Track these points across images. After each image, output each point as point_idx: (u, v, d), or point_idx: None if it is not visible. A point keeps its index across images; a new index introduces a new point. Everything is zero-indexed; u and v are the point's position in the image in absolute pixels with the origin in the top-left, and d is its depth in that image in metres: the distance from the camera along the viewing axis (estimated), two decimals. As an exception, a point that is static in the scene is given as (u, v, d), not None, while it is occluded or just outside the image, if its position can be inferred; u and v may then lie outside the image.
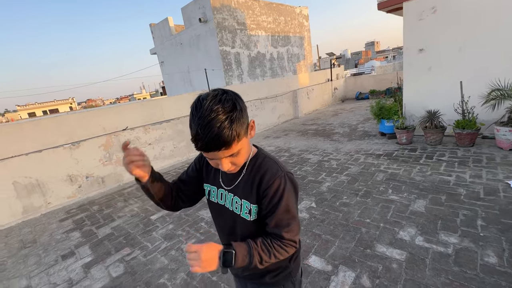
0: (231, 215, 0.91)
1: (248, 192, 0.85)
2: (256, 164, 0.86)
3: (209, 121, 0.68)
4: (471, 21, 4.25)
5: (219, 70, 8.16)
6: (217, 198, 0.95)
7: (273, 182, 0.80)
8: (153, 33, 10.59)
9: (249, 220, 0.86)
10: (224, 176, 0.93)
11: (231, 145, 0.72)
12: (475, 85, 4.23)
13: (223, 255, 0.75)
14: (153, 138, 5.74)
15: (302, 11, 11.51)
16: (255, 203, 0.84)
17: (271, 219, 0.82)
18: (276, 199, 0.80)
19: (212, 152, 0.73)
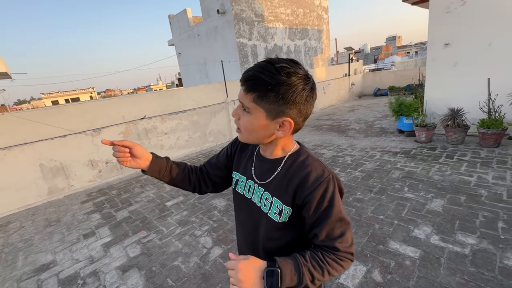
0: (257, 212, 0.81)
1: (283, 190, 0.75)
2: (297, 162, 0.76)
3: (266, 66, 0.66)
4: (503, 14, 3.99)
5: (235, 62, 8.16)
6: (245, 190, 0.86)
7: (319, 185, 0.69)
8: (172, 25, 10.70)
9: (277, 222, 0.76)
10: (258, 167, 0.84)
11: (249, 90, 0.67)
12: (504, 82, 4.00)
13: (266, 276, 0.64)
14: (169, 128, 5.88)
15: (322, 3, 11.22)
16: (289, 205, 0.74)
17: (320, 229, 0.70)
18: (324, 206, 0.69)
19: (241, 88, 0.70)
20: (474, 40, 4.32)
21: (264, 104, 0.67)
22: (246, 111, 0.71)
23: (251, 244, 0.87)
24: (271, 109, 0.67)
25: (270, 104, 0.67)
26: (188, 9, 9.40)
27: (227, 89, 6.80)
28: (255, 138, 0.75)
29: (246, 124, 0.73)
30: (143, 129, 5.47)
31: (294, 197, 0.73)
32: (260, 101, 0.67)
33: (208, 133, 6.61)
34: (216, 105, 6.71)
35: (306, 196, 0.70)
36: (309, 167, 0.73)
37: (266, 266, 0.66)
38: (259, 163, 0.84)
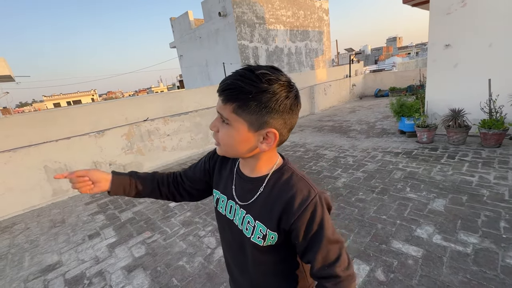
0: (240, 235, 0.75)
1: (266, 214, 0.68)
2: (280, 181, 0.69)
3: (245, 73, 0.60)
4: (504, 15, 4.02)
5: (237, 64, 8.22)
6: (226, 210, 0.80)
7: (305, 208, 0.63)
8: (173, 27, 10.79)
9: (262, 246, 0.70)
10: (238, 186, 0.77)
11: (227, 100, 0.61)
12: (505, 83, 4.02)
13: None
14: (172, 129, 5.92)
15: (322, 5, 11.28)
16: (274, 231, 0.67)
17: (314, 255, 0.65)
18: (314, 230, 0.64)
19: (219, 98, 0.64)
20: (474, 41, 4.35)
21: (245, 115, 0.61)
22: (226, 122, 0.64)
23: (240, 265, 0.83)
24: (253, 120, 0.61)
25: (252, 114, 0.60)
26: (189, 11, 9.48)
27: (229, 90, 6.86)
28: (235, 152, 0.68)
29: (225, 137, 0.66)
30: (146, 130, 5.52)
31: (279, 222, 0.66)
32: (241, 111, 0.60)
33: (210, 134, 6.64)
34: (218, 107, 6.76)
35: (293, 222, 0.64)
36: (294, 188, 0.66)
37: None
38: (239, 182, 0.76)
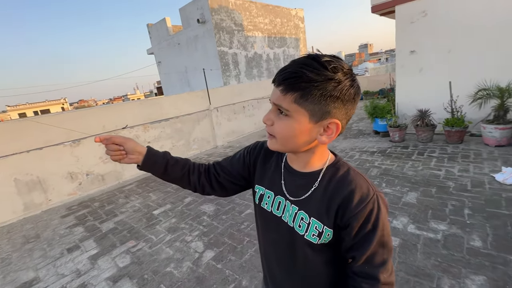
0: (290, 233, 0.71)
1: (323, 211, 0.65)
2: (337, 177, 0.66)
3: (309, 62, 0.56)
4: (459, 25, 4.47)
5: (217, 70, 8.27)
6: (272, 206, 0.75)
7: (364, 206, 0.61)
8: (150, 33, 10.64)
9: (316, 243, 0.67)
10: (288, 181, 0.73)
11: (288, 90, 0.57)
12: (463, 85, 4.46)
13: None
14: (153, 136, 5.81)
15: (298, 13, 11.73)
16: (331, 227, 0.64)
17: (360, 253, 0.62)
18: (368, 229, 0.61)
19: (274, 87, 0.61)
20: (436, 47, 4.78)
21: (307, 105, 0.57)
22: (284, 114, 0.61)
23: (285, 265, 0.77)
24: (316, 109, 0.58)
25: (316, 104, 0.57)
26: (167, 18, 9.42)
27: (209, 96, 6.87)
28: (293, 145, 0.64)
29: (284, 129, 0.62)
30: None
31: (336, 218, 0.64)
32: (304, 101, 0.57)
33: (192, 140, 6.60)
34: (199, 113, 6.74)
35: (350, 217, 0.61)
36: (352, 184, 0.63)
37: None
38: (289, 177, 0.72)
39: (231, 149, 6.59)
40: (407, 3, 4.89)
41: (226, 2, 8.19)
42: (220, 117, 7.23)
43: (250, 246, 2.56)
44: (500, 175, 3.09)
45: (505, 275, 1.80)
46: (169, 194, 4.21)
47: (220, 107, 7.23)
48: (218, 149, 6.79)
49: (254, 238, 2.66)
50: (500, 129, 3.86)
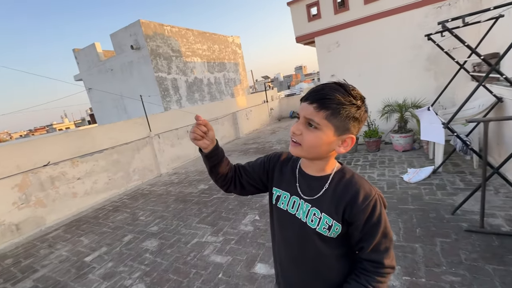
0: (302, 228, 0.82)
1: (333, 207, 0.77)
2: (344, 180, 0.79)
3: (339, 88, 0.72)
4: (366, 53, 5.43)
5: (156, 96, 8.04)
6: (288, 205, 0.87)
7: (368, 203, 0.74)
8: (78, 59, 9.79)
9: (325, 236, 0.79)
10: (302, 184, 0.86)
11: (322, 108, 0.71)
12: (373, 102, 5.32)
13: None
14: (83, 171, 5.22)
15: (235, 40, 12.43)
16: (339, 222, 0.77)
17: (368, 243, 0.75)
18: (372, 223, 0.74)
19: (306, 104, 0.75)
20: (349, 72, 5.65)
21: (335, 121, 0.72)
22: (314, 127, 0.74)
23: (296, 259, 0.87)
24: (340, 126, 0.73)
25: (341, 121, 0.72)
26: (97, 43, 8.86)
27: (149, 123, 6.59)
28: (316, 153, 0.78)
29: (312, 139, 0.75)
30: (48, 177, 4.70)
31: (344, 214, 0.76)
32: (333, 118, 0.72)
33: (132, 171, 6.14)
34: (139, 141, 6.37)
35: (356, 214, 0.74)
36: (357, 185, 0.77)
37: None
38: (303, 180, 0.86)
39: (177, 175, 6.34)
40: (323, 36, 5.73)
41: (161, 29, 8.20)
42: (162, 143, 6.95)
43: (197, 278, 2.48)
44: (406, 175, 3.74)
45: (413, 261, 2.16)
46: (105, 235, 3.79)
47: (162, 133, 6.98)
48: (163, 177, 6.46)
49: (202, 269, 2.59)
50: (404, 137, 4.71)
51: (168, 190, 5.35)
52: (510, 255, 2.03)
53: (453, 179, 3.44)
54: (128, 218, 4.24)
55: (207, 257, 2.77)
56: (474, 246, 2.20)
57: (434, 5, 4.60)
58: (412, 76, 5.03)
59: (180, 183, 5.67)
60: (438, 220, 2.64)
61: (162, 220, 3.92)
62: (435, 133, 3.38)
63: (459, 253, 2.15)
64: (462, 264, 2.03)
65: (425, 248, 2.28)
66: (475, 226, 2.39)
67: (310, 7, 5.82)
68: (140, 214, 4.31)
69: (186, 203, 4.39)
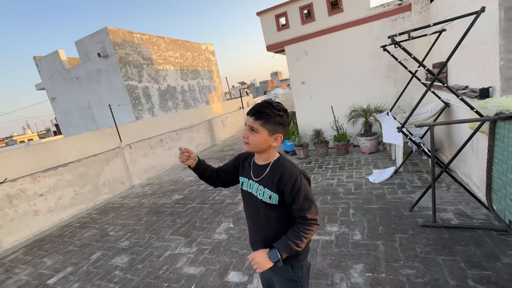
0: (255, 200, 1.23)
1: (270, 183, 1.17)
2: (278, 164, 1.19)
3: (267, 105, 1.14)
4: (329, 62, 5.72)
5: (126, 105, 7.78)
6: (247, 187, 1.29)
7: (291, 177, 1.12)
8: (39, 67, 9.19)
9: (269, 203, 1.18)
10: (254, 171, 1.27)
11: (259, 119, 1.12)
12: (341, 108, 5.62)
13: (270, 254, 1.11)
14: (46, 187, 4.90)
15: (208, 48, 12.43)
16: (276, 192, 1.15)
17: (295, 205, 1.12)
18: (295, 190, 1.11)
19: (248, 117, 1.15)
20: (318, 79, 5.91)
21: (267, 126, 1.13)
22: (255, 131, 1.14)
23: (256, 225, 1.29)
24: (271, 129, 1.14)
25: (271, 126, 1.13)
26: (60, 50, 8.39)
27: (119, 133, 6.36)
28: (258, 148, 1.18)
29: (255, 139, 1.15)
30: (5, 195, 4.35)
31: (278, 186, 1.14)
32: (265, 124, 1.12)
33: (101, 184, 5.86)
34: (108, 152, 6.11)
35: (285, 185, 1.12)
36: (285, 166, 1.17)
37: (268, 250, 1.13)
38: (254, 168, 1.27)
39: (151, 186, 6.16)
40: (292, 45, 5.95)
41: (130, 37, 7.98)
42: (134, 154, 6.73)
43: (169, 291, 2.43)
44: (371, 176, 3.98)
45: (375, 258, 2.31)
46: (70, 254, 3.58)
47: (133, 143, 6.76)
48: (135, 189, 6.23)
49: (174, 282, 2.55)
50: (369, 140, 5.01)
51: (140, 202, 5.17)
52: (458, 246, 2.25)
53: (412, 178, 3.72)
54: (96, 234, 4.04)
55: (179, 269, 2.73)
56: (428, 240, 2.40)
57: (389, 18, 5.00)
58: (374, 83, 5.38)
59: (154, 194, 5.52)
60: (398, 217, 2.85)
61: (133, 234, 3.79)
62: (394, 136, 3.64)
63: (415, 247, 2.34)
64: (417, 257, 2.21)
65: (386, 245, 2.44)
66: (429, 221, 2.61)
67: (279, 17, 6.03)
68: (110, 229, 4.12)
69: (160, 215, 4.28)
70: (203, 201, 4.49)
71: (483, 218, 2.54)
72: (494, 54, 2.58)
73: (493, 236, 2.28)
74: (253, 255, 1.13)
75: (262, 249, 1.14)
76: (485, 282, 1.84)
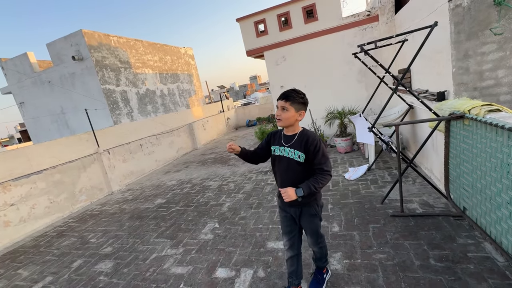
0: (287, 160, 1.72)
1: (299, 146, 1.68)
2: (303, 133, 1.72)
3: (292, 91, 1.69)
4: (307, 67, 6.03)
5: (104, 110, 7.56)
6: (280, 151, 1.77)
7: (313, 140, 1.65)
8: (5, 70, 8.64)
9: (298, 161, 1.68)
10: (284, 140, 1.77)
11: (288, 100, 1.65)
12: (318, 110, 5.93)
13: (297, 191, 1.61)
14: (17, 196, 4.65)
15: (187, 51, 12.40)
16: (303, 152, 1.66)
17: (316, 160, 1.64)
18: (316, 149, 1.63)
19: (280, 100, 1.67)
20: (296, 83, 6.19)
21: (294, 106, 1.67)
22: (286, 110, 1.66)
23: (286, 178, 1.75)
24: (297, 107, 1.68)
25: (296, 105, 1.67)
26: (30, 53, 7.95)
27: (96, 138, 6.18)
28: (289, 122, 1.70)
29: (286, 116, 1.67)
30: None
31: (304, 147, 1.66)
32: (292, 104, 1.66)
33: (78, 192, 5.65)
34: (85, 158, 5.92)
35: (309, 146, 1.65)
36: (309, 134, 1.71)
37: (296, 188, 1.62)
38: (285, 138, 1.78)
39: (131, 192, 6.04)
40: (271, 50, 6.20)
41: (107, 40, 7.79)
42: (113, 159, 6.56)
43: (157, 291, 2.47)
44: (347, 174, 4.27)
45: (351, 247, 2.53)
46: (49, 263, 3.46)
47: (112, 148, 6.59)
48: (115, 195, 6.07)
49: (162, 282, 2.59)
50: (344, 140, 5.34)
51: (121, 208, 5.07)
52: (422, 231, 2.53)
53: (383, 174, 4.05)
54: (76, 243, 3.92)
55: (167, 270, 2.78)
56: (396, 227, 2.67)
57: (360, 27, 5.41)
58: (347, 87, 5.76)
59: (135, 199, 5.43)
60: (371, 209, 3.11)
61: (116, 239, 3.74)
62: (366, 136, 3.96)
63: (385, 235, 2.59)
64: (388, 243, 2.46)
65: (361, 234, 2.68)
66: (397, 212, 2.90)
67: (257, 24, 6.26)
68: (90, 237, 4.02)
69: (143, 219, 4.25)
70: (187, 204, 4.52)
71: (443, 207, 2.87)
72: (448, 62, 2.95)
73: (450, 221, 2.60)
74: (285, 189, 1.60)
75: (291, 188, 1.61)
76: (443, 260, 2.12)
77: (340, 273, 2.23)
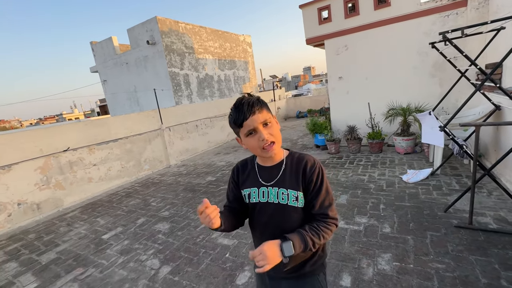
0: (277, 208, 1.00)
1: (294, 182, 0.98)
2: (294, 159, 1.02)
3: (250, 95, 0.96)
4: (373, 57, 5.59)
5: (169, 91, 8.33)
6: (259, 197, 1.03)
7: (315, 168, 0.97)
8: (94, 51, 10.16)
9: (297, 207, 0.98)
10: (264, 175, 1.04)
11: (263, 107, 0.94)
12: (378, 105, 5.50)
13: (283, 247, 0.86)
14: (99, 158, 5.54)
15: (246, 39, 12.64)
16: (301, 191, 0.98)
17: (316, 201, 0.97)
18: (318, 183, 0.97)
19: (252, 117, 0.91)
20: (356, 74, 5.82)
21: (270, 113, 0.99)
22: (268, 124, 0.95)
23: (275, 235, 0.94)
24: (269, 111, 0.99)
25: (267, 109, 0.98)
26: (114, 37, 9.18)
27: (161, 116, 6.88)
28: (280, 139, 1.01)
29: (275, 131, 0.97)
30: (67, 162, 5.02)
31: (303, 182, 0.98)
32: (266, 109, 0.97)
33: (143, 161, 6.44)
34: (150, 132, 6.67)
35: (309, 177, 0.97)
36: (305, 158, 1.01)
37: (281, 241, 0.88)
38: (263, 172, 1.04)
39: (185, 167, 6.62)
40: (332, 39, 5.91)
41: (176, 26, 8.46)
42: (172, 136, 7.24)
43: (206, 256, 2.73)
44: (405, 176, 3.92)
45: (404, 250, 2.37)
46: (119, 217, 4.08)
47: (172, 126, 7.27)
48: (172, 168, 6.74)
49: (210, 249, 2.84)
50: (406, 140, 4.88)
51: (177, 180, 5.62)
52: (494, 248, 2.22)
53: (450, 181, 3.61)
54: (140, 204, 4.53)
55: (215, 239, 3.02)
56: (461, 239, 2.39)
57: (441, 14, 4.75)
58: (417, 82, 5.18)
59: (189, 174, 5.95)
60: (431, 216, 2.84)
61: (172, 206, 4.19)
62: (435, 136, 3.55)
63: (446, 245, 2.35)
64: (448, 254, 2.23)
65: (416, 240, 2.48)
66: (464, 223, 2.58)
67: (321, 11, 6.00)
68: (151, 201, 4.59)
69: (195, 192, 4.65)
70: (235, 184, 4.77)
71: (526, 226, 2.45)
72: (559, 55, 2.42)
73: (535, 244, 2.21)
74: (260, 249, 0.84)
75: (270, 241, 0.88)
76: (519, 284, 1.84)
77: (388, 273, 2.13)
